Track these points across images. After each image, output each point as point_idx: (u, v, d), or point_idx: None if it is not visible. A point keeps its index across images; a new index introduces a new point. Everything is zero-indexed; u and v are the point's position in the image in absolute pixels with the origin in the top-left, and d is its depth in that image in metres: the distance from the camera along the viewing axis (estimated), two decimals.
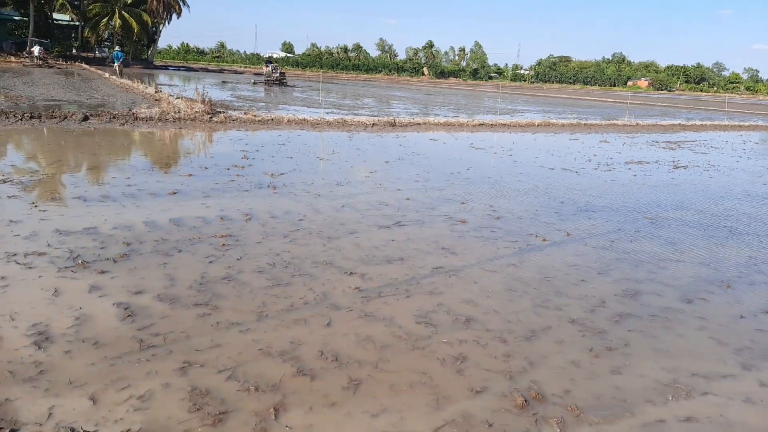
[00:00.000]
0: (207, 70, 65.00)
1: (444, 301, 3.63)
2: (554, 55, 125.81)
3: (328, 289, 3.69)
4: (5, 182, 5.75)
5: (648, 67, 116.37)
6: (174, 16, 56.21)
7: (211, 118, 12.40)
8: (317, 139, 11.48)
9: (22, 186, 5.69)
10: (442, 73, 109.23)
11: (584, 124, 19.69)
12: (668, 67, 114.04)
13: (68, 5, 52.31)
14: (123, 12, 51.33)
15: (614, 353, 3.09)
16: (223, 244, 4.43)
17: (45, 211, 4.95)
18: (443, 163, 9.50)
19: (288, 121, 13.48)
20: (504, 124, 17.41)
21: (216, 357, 2.77)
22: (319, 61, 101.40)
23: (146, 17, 52.38)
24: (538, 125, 18.21)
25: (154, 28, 57.08)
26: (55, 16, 53.56)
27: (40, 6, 51.17)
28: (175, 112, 12.15)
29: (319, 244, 4.61)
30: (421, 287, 3.84)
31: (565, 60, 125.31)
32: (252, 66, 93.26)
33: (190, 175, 6.81)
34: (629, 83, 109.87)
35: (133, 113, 11.70)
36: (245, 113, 13.36)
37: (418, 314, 3.41)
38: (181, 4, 55.73)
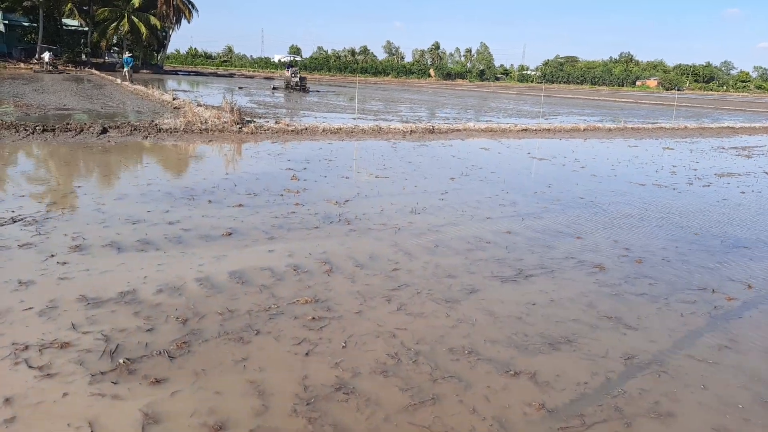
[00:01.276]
0: (216, 75, 64.12)
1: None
2: (561, 56, 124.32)
3: (499, 411, 2.43)
4: (15, 221, 4.55)
5: (656, 67, 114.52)
6: (183, 20, 55.40)
7: (240, 128, 11.20)
8: (361, 150, 10.23)
9: (36, 227, 4.48)
10: (448, 75, 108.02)
11: (631, 128, 18.33)
12: (677, 67, 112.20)
13: (77, 10, 51.58)
14: (132, 16, 50.52)
15: None
16: (313, 318, 3.19)
17: (66, 264, 3.73)
18: (515, 178, 8.22)
19: (323, 130, 12.25)
20: (548, 129, 16.10)
21: None
22: (326, 64, 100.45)
23: (155, 21, 51.54)
24: (583, 129, 16.87)
25: (163, 33, 56.27)
26: (64, 21, 52.86)
27: (50, 11, 50.49)
28: (201, 123, 10.96)
29: (441, 314, 3.35)
30: (634, 402, 2.54)
31: (572, 60, 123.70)
32: (261, 70, 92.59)
33: (240, 205, 5.58)
34: (638, 83, 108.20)
35: (156, 124, 10.52)
36: (277, 122, 12.15)
37: None
38: (190, 8, 54.89)
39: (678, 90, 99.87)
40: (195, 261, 3.99)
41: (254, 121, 11.98)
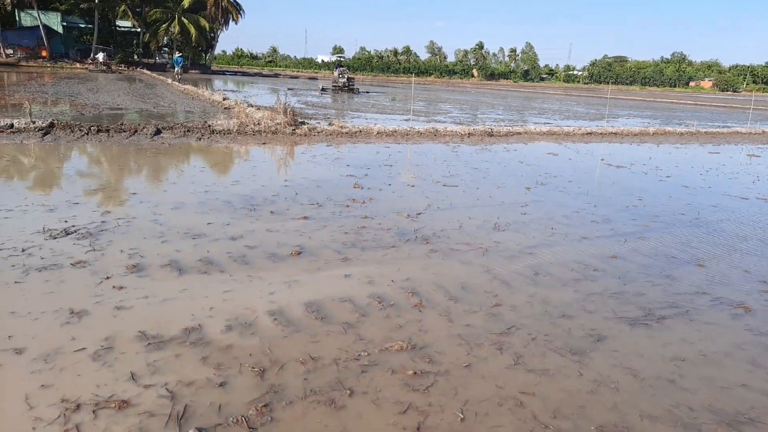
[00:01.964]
0: (261, 75, 64.97)
1: None
2: (609, 56, 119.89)
3: None
4: (69, 233, 4.17)
5: (711, 67, 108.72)
6: (231, 21, 56.31)
7: (294, 130, 10.78)
8: (421, 155, 9.60)
9: (90, 241, 4.07)
10: (492, 75, 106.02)
11: (704, 132, 16.95)
12: (733, 67, 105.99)
13: (130, 12, 53.25)
14: (182, 18, 51.70)
15: None
16: (414, 373, 2.58)
17: (122, 289, 3.28)
18: (598, 189, 7.40)
19: (378, 132, 11.70)
20: (615, 133, 15.01)
21: None
22: (369, 64, 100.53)
23: (204, 23, 52.56)
24: (653, 134, 15.68)
25: (212, 34, 57.39)
26: (118, 22, 54.70)
27: (104, 13, 52.32)
28: (254, 124, 10.61)
29: (571, 372, 2.68)
30: None
31: (621, 60, 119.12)
32: (305, 70, 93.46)
33: (305, 217, 5.06)
34: (691, 84, 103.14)
35: (209, 126, 10.22)
36: (330, 124, 11.68)
37: None
38: (238, 9, 55.73)
39: (734, 91, 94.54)
40: (264, 287, 3.46)
41: (307, 123, 11.55)
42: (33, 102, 15.07)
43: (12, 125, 9.18)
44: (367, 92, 31.22)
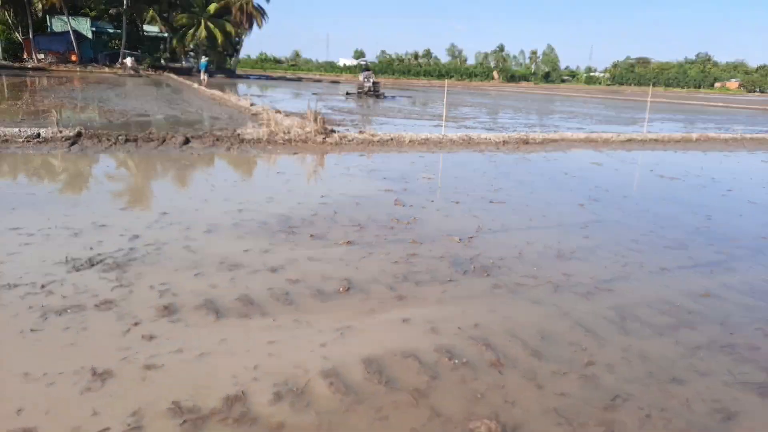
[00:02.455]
0: (285, 79, 65.15)
1: None
2: (631, 57, 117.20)
3: None
4: (93, 264, 3.77)
5: (737, 68, 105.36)
6: (255, 26, 56.59)
7: (324, 139, 10.35)
8: (459, 166, 9.06)
9: (117, 273, 3.66)
10: (512, 77, 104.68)
11: (750, 138, 16.00)
12: (761, 67, 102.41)
13: (158, 17, 53.97)
14: (208, 23, 52.14)
15: None
16: None
17: (152, 340, 2.84)
18: (659, 207, 6.74)
19: (410, 141, 11.19)
20: (655, 140, 14.21)
21: None
22: (390, 67, 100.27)
23: (230, 28, 52.93)
24: (696, 140, 14.82)
25: (237, 39, 57.79)
26: (145, 27, 55.48)
27: (133, 19, 53.10)
28: (284, 133, 10.21)
29: None
30: None
31: (644, 61, 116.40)
32: (327, 73, 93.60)
33: (349, 242, 4.58)
34: (717, 85, 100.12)
35: (239, 135, 9.86)
36: (361, 132, 11.23)
37: None
38: (262, 13, 55.99)
39: (761, 92, 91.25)
40: (314, 336, 2.98)
41: (337, 131, 11.12)
42: (62, 108, 15.01)
43: (39, 134, 8.95)
44: (393, 97, 30.65)
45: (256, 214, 5.33)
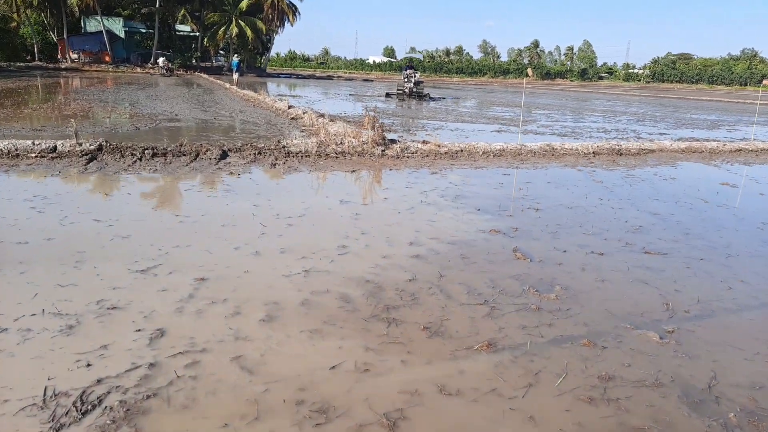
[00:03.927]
0: (315, 77, 63.94)
1: None
2: (672, 53, 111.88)
3: None
4: (86, 411, 2.15)
5: None
6: (287, 23, 55.44)
7: (383, 151, 8.70)
8: (558, 188, 7.23)
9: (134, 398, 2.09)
10: (547, 74, 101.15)
11: None
12: None
13: (189, 16, 53.39)
14: (240, 20, 51.25)
15: None
16: None
17: None
18: None
19: (483, 152, 9.43)
20: (766, 150, 12.08)
21: None
22: (420, 64, 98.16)
23: (261, 25, 51.91)
24: None
25: (268, 36, 56.83)
26: (177, 27, 54.99)
27: (164, 18, 52.65)
28: (336, 144, 8.60)
29: None
30: None
31: (686, 57, 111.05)
32: (357, 71, 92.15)
33: (488, 345, 2.84)
34: (764, 81, 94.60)
35: (284, 147, 8.28)
36: (424, 142, 9.52)
37: None
38: (294, 10, 54.80)
39: None
40: None
41: (397, 141, 9.44)
42: (89, 112, 13.79)
43: (55, 148, 7.56)
44: (443, 98, 28.39)
45: (331, 279, 3.69)
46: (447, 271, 3.95)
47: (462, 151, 9.38)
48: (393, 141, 9.33)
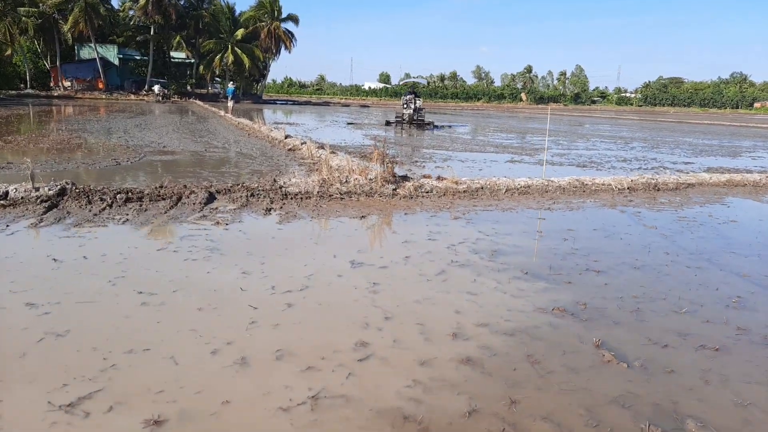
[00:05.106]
0: (311, 103, 63.39)
1: None
2: (663, 77, 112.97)
3: None
4: None
5: None
6: (284, 50, 55.11)
7: (395, 190, 7.55)
8: (608, 238, 6.05)
9: None
10: (541, 99, 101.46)
11: None
12: None
13: (184, 43, 52.93)
14: (236, 48, 50.81)
15: None
16: None
17: None
18: None
19: (507, 189, 8.31)
20: None
21: None
22: (425, 90, 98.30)
23: (258, 52, 51.50)
24: None
25: (264, 63, 56.44)
26: (172, 54, 54.50)
27: (159, 45, 52.18)
28: (340, 182, 7.45)
29: None
30: None
31: (677, 81, 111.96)
32: (353, 97, 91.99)
33: None
34: (756, 105, 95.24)
35: (281, 187, 7.11)
36: (439, 178, 8.39)
37: None
38: (291, 37, 54.53)
39: None
40: None
41: (409, 177, 8.31)
42: (66, 145, 12.64)
43: (6, 194, 6.37)
44: (449, 125, 27.24)
45: (350, 415, 2.46)
46: (518, 392, 2.73)
47: (483, 188, 8.24)
48: (405, 177, 8.19)
